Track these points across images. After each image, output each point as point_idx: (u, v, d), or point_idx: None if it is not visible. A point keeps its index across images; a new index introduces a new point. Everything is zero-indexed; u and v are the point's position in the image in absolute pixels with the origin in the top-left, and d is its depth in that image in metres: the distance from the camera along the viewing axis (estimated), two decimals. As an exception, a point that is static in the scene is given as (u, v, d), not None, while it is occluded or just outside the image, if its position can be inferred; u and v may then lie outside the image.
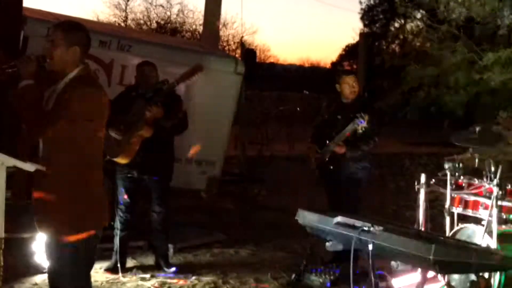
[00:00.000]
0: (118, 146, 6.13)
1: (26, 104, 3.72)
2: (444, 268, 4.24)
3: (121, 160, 6.18)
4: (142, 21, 37.78)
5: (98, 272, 6.40)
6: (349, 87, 6.84)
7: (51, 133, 3.77)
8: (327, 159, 6.75)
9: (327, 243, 4.84)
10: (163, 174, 6.66)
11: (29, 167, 3.76)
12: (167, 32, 35.22)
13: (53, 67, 3.90)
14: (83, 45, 3.95)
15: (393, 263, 4.41)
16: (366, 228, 4.40)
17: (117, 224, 6.54)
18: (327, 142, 6.74)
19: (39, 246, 5.94)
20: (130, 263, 6.81)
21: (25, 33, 7.01)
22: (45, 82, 3.96)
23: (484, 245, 5.55)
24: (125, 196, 6.53)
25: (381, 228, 4.39)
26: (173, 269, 6.67)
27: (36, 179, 3.88)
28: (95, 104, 3.88)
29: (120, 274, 6.40)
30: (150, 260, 6.98)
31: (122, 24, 35.82)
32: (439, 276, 5.29)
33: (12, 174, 4.03)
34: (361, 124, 6.42)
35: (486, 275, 5.22)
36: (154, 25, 37.40)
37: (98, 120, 3.93)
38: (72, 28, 3.97)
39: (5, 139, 3.92)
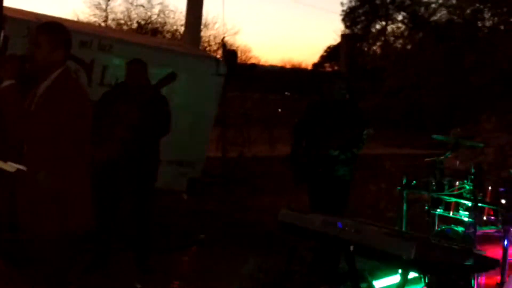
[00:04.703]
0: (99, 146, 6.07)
1: (10, 104, 3.70)
2: (425, 268, 4.25)
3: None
4: (122, 21, 37.55)
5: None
6: (339, 90, 6.80)
7: (35, 133, 3.75)
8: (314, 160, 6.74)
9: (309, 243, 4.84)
10: (147, 176, 6.60)
11: (10, 167, 3.73)
12: (148, 32, 35.05)
13: (36, 68, 3.88)
14: (67, 46, 3.96)
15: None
16: (348, 228, 4.41)
17: (98, 227, 6.47)
18: (314, 143, 6.75)
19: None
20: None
21: (5, 32, 6.95)
22: (25, 83, 3.94)
23: (464, 246, 5.57)
24: (106, 198, 6.46)
25: (363, 228, 4.41)
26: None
27: (20, 178, 3.84)
28: (78, 104, 3.86)
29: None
30: (129, 262, 6.90)
31: (103, 24, 35.60)
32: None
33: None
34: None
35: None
36: (135, 25, 37.17)
37: (81, 120, 3.90)
38: (57, 30, 3.98)
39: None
